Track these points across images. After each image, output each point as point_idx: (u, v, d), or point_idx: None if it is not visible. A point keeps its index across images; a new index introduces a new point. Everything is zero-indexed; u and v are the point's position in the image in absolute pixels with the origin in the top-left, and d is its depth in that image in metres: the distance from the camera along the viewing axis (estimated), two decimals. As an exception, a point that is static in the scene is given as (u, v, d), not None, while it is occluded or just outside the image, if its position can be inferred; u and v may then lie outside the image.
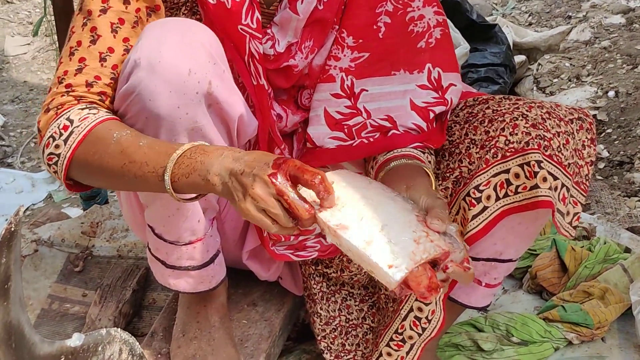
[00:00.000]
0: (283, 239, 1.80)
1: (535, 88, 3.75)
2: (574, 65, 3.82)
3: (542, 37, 4.07)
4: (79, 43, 1.53)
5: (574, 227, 1.59)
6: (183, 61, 1.44)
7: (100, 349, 1.41)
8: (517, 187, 1.54)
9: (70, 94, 1.50)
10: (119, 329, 1.48)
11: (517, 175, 1.54)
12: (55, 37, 2.98)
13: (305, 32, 1.67)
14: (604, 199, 2.82)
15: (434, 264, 1.32)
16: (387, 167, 1.61)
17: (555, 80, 3.75)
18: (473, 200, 1.58)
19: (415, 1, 1.67)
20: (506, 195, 1.56)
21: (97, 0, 1.53)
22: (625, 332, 2.06)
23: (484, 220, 1.57)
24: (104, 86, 1.52)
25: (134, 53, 1.45)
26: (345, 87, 1.69)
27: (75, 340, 1.35)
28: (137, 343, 1.53)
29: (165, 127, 1.47)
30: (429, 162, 1.64)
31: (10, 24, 4.89)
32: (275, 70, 1.69)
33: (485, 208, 1.57)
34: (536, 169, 1.51)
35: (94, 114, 1.47)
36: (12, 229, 1.08)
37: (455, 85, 1.70)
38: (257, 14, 1.59)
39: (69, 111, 1.48)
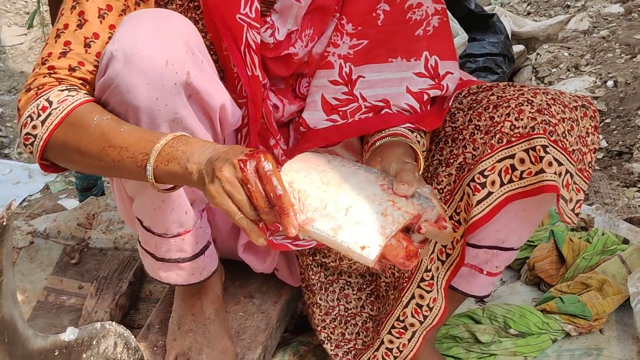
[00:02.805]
0: (281, 229, 1.80)
1: (533, 78, 3.74)
2: (572, 55, 3.80)
3: (540, 26, 4.06)
4: (66, 26, 1.53)
5: (576, 215, 1.59)
6: (160, 52, 1.43)
7: (94, 342, 1.40)
8: (522, 172, 1.55)
9: (52, 75, 1.50)
10: (114, 322, 1.48)
11: (522, 161, 1.54)
12: (51, 27, 2.96)
13: (306, 19, 1.67)
14: (602, 190, 2.81)
15: (407, 229, 1.30)
16: (373, 147, 1.62)
17: (554, 70, 3.74)
18: (478, 186, 1.58)
19: None
20: (511, 180, 1.56)
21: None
22: (623, 323, 2.06)
23: (488, 205, 1.58)
24: (87, 73, 1.52)
25: (111, 45, 1.44)
26: (344, 74, 1.70)
27: (69, 334, 1.35)
28: (132, 336, 1.52)
29: (146, 119, 1.46)
30: (418, 141, 1.64)
31: (7, 14, 4.87)
32: (274, 58, 1.69)
33: (490, 193, 1.58)
34: (542, 153, 1.52)
35: (73, 95, 1.47)
36: (4, 223, 1.07)
37: (452, 73, 1.70)
38: (255, 3, 1.59)
39: (48, 92, 1.48)
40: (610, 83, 3.50)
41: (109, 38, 1.52)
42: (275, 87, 1.75)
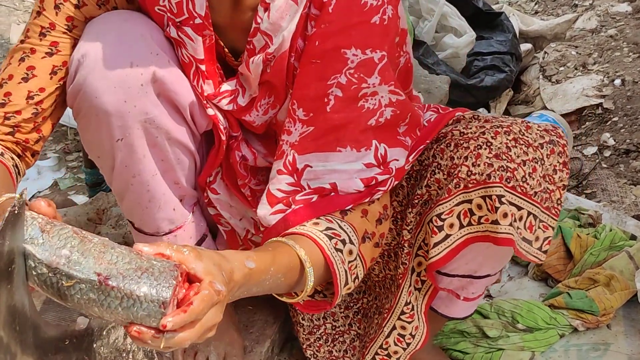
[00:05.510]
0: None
1: (541, 76, 3.73)
2: (580, 54, 3.80)
3: (548, 25, 4.06)
4: (10, 77, 1.52)
5: (544, 252, 1.57)
6: (123, 55, 1.43)
7: (105, 332, 1.41)
8: (480, 217, 1.52)
9: None
10: (124, 314, 1.48)
11: (479, 207, 1.52)
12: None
13: (263, 89, 1.58)
14: (609, 187, 2.81)
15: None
16: (277, 238, 1.46)
17: (562, 68, 3.74)
18: (435, 228, 1.55)
19: (372, 78, 1.49)
20: (470, 224, 1.53)
21: (45, 43, 1.51)
22: (630, 319, 2.06)
23: (446, 247, 1.56)
24: (22, 121, 1.52)
25: (76, 52, 1.46)
26: (287, 162, 1.54)
27: (80, 324, 1.36)
28: (142, 327, 1.53)
29: (116, 123, 1.47)
30: (339, 250, 1.45)
31: (15, 12, 4.89)
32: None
33: (447, 236, 1.55)
34: (497, 204, 1.49)
35: None
36: (16, 211, 1.08)
37: (397, 160, 1.57)
38: (201, 81, 1.55)
39: None
40: (617, 82, 3.49)
41: (57, 89, 1.53)
42: (260, 138, 1.71)
